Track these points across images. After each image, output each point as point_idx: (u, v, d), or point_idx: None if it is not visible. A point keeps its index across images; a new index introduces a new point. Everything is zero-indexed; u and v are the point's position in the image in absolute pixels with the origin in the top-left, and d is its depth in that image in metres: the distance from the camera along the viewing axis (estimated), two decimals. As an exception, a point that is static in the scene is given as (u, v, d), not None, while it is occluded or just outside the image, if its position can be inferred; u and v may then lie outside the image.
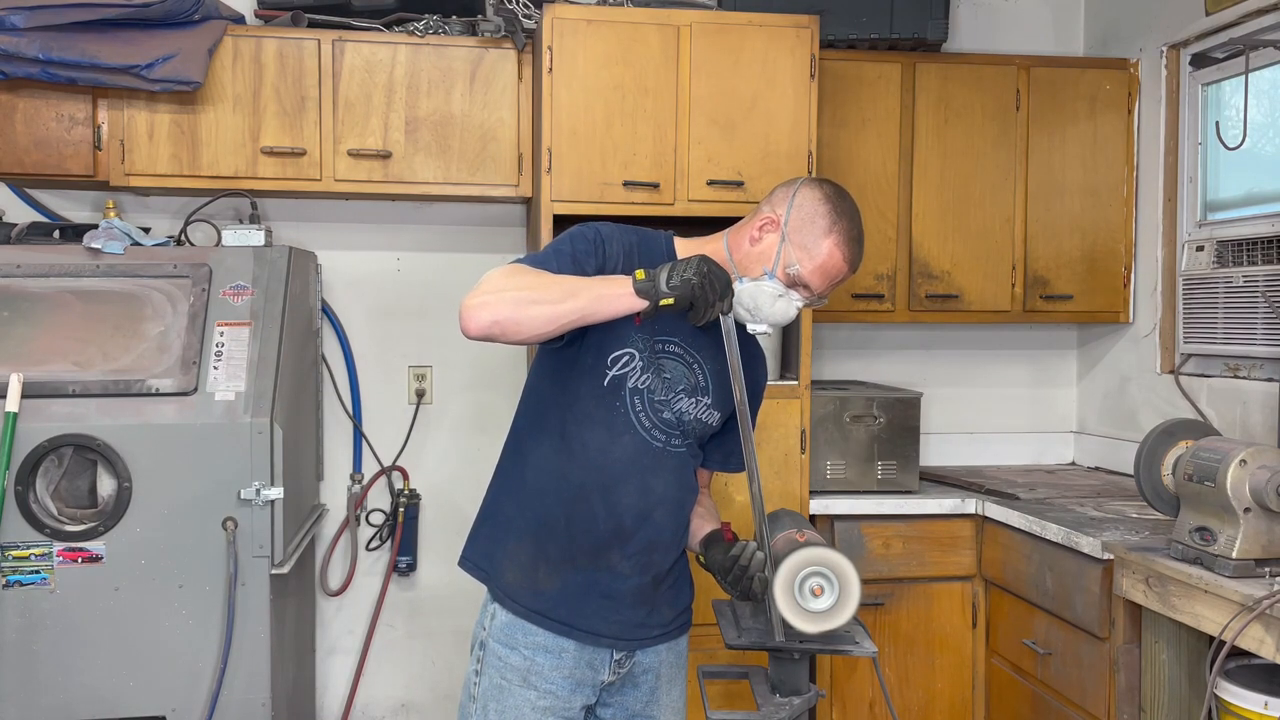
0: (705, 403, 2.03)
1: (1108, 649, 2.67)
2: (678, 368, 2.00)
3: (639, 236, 2.04)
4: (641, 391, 1.97)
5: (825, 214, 1.95)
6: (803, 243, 1.93)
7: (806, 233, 1.94)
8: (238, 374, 2.73)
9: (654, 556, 2.02)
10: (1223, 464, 2.27)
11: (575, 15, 3.06)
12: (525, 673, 1.99)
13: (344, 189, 3.25)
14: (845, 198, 2.00)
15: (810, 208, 1.96)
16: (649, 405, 1.98)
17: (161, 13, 3.00)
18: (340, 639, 3.65)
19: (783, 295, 1.93)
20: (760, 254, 1.96)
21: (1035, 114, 3.60)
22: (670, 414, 1.99)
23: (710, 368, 2.03)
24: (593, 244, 1.95)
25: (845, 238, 1.95)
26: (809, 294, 1.96)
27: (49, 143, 3.07)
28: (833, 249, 1.94)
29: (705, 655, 3.09)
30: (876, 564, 3.23)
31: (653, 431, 1.98)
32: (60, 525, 2.63)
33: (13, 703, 2.61)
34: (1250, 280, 3.14)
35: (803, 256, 1.93)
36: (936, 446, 3.90)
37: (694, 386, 2.01)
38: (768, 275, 1.93)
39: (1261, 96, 3.23)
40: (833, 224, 1.94)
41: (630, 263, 1.96)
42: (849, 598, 2.21)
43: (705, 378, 2.03)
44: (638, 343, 1.96)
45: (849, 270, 1.97)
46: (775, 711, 2.26)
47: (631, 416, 1.97)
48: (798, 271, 1.93)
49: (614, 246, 1.97)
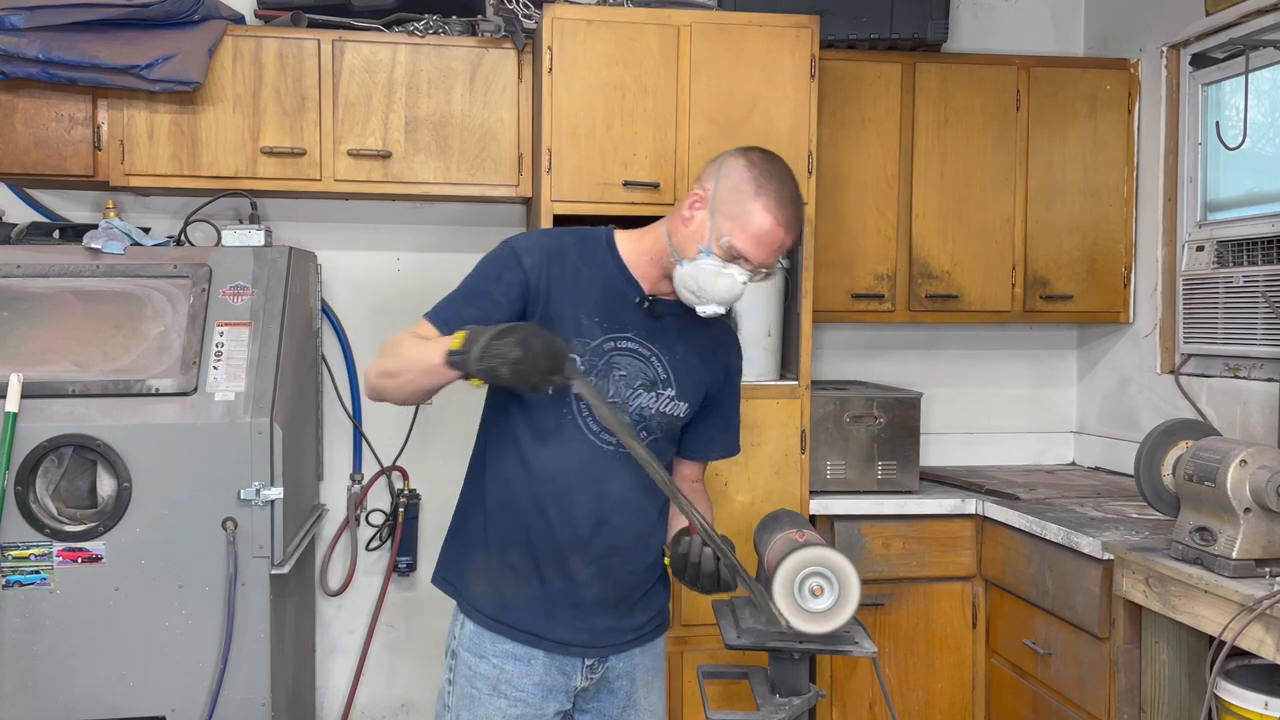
0: (668, 395, 2.00)
1: (1108, 649, 2.67)
2: (633, 363, 1.97)
3: (576, 237, 2.02)
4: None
5: (750, 180, 1.90)
6: (731, 212, 1.88)
7: (734, 202, 1.89)
8: (238, 374, 2.73)
9: (614, 561, 1.99)
10: (1223, 464, 2.27)
11: (575, 15, 3.06)
12: (495, 681, 1.99)
13: (344, 189, 3.25)
14: (773, 160, 1.94)
15: (735, 176, 1.91)
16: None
17: (161, 13, 3.00)
18: (340, 639, 3.65)
19: (723, 271, 1.88)
20: (694, 233, 1.92)
21: (1035, 114, 3.60)
22: (626, 414, 1.96)
23: (670, 358, 2.00)
24: (502, 265, 1.95)
25: (774, 200, 1.89)
26: (750, 266, 1.90)
27: (49, 143, 3.07)
28: (761, 213, 1.88)
29: (705, 655, 3.09)
30: (876, 564, 3.23)
31: (602, 435, 1.95)
32: (60, 525, 2.63)
33: (13, 703, 2.61)
34: (1250, 280, 3.14)
35: (733, 227, 1.88)
36: (936, 446, 3.89)
37: (653, 380, 1.98)
38: (704, 253, 1.89)
39: (1261, 96, 3.23)
40: (759, 188, 1.89)
41: (556, 269, 1.94)
42: (849, 598, 2.21)
43: (666, 370, 2.00)
44: (579, 346, 1.93)
45: (784, 233, 1.90)
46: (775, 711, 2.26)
47: (579, 422, 1.94)
48: (730, 243, 1.88)
49: (532, 258, 1.94)
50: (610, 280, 2.00)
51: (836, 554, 2.23)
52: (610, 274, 2.00)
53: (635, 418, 1.97)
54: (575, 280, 1.97)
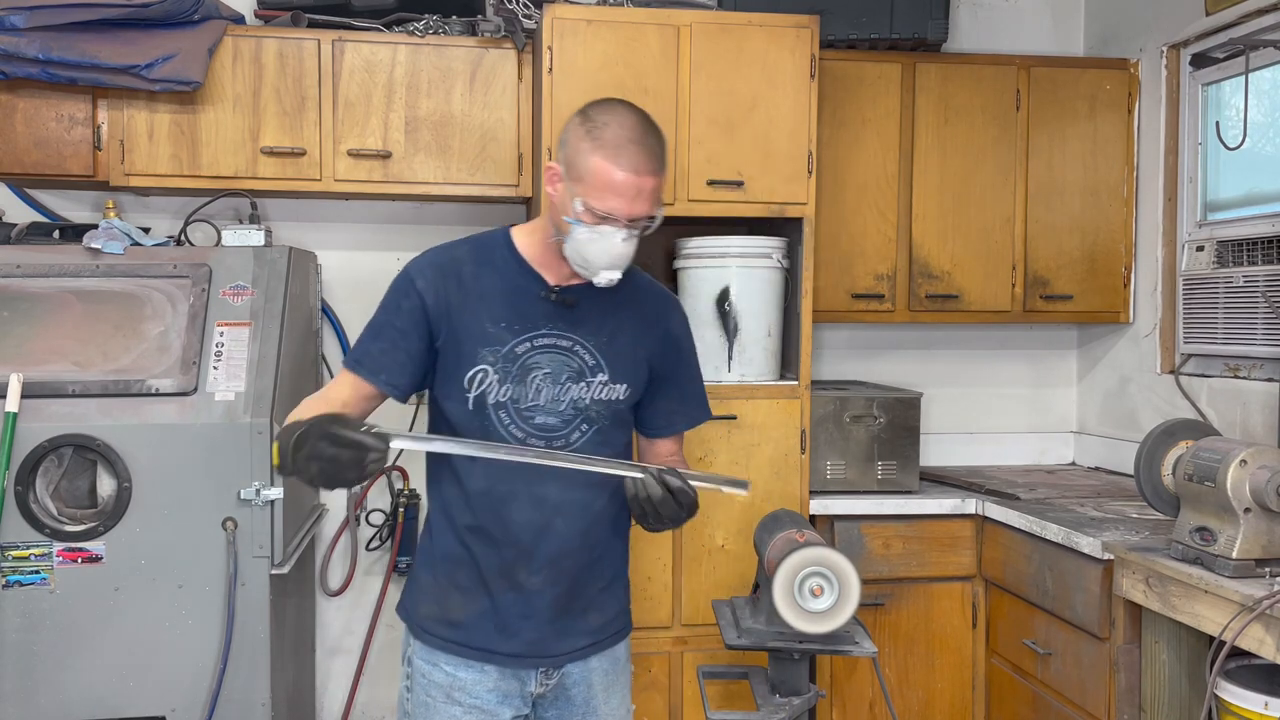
0: (600, 381, 1.95)
1: (1108, 649, 2.67)
2: (555, 358, 1.93)
3: (471, 245, 1.99)
4: (505, 404, 1.91)
5: (585, 134, 1.84)
6: (579, 174, 1.83)
7: (578, 163, 1.83)
8: (238, 374, 2.73)
9: (564, 564, 1.95)
10: (1223, 464, 2.27)
11: (575, 15, 3.06)
12: (449, 689, 1.96)
13: (344, 189, 3.25)
14: (608, 107, 1.87)
15: (572, 136, 1.86)
16: (516, 416, 1.92)
17: (161, 13, 3.00)
18: (340, 639, 3.65)
19: (596, 235, 1.83)
20: (560, 207, 1.88)
21: (1035, 114, 3.60)
22: (546, 418, 1.92)
23: (596, 343, 1.95)
24: (400, 294, 1.96)
25: (611, 148, 1.81)
26: (619, 222, 1.82)
27: (49, 143, 3.07)
28: (603, 165, 1.80)
29: (705, 655, 3.09)
30: (876, 564, 3.23)
31: (528, 440, 1.92)
32: (60, 525, 2.63)
33: (13, 703, 2.61)
34: (1250, 280, 3.14)
35: (584, 189, 1.82)
36: (936, 446, 3.89)
37: (580, 370, 1.94)
38: (573, 224, 1.84)
39: (1262, 96, 3.23)
40: (594, 141, 1.82)
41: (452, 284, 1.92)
42: (849, 598, 2.21)
43: (593, 355, 1.95)
44: (489, 356, 1.90)
45: (635, 176, 1.81)
46: (775, 711, 2.26)
47: (501, 431, 1.91)
48: (586, 205, 1.82)
49: (424, 280, 1.94)
50: (512, 280, 1.95)
51: (836, 554, 2.23)
52: (511, 273, 1.96)
53: (571, 411, 1.93)
54: (476, 290, 1.94)
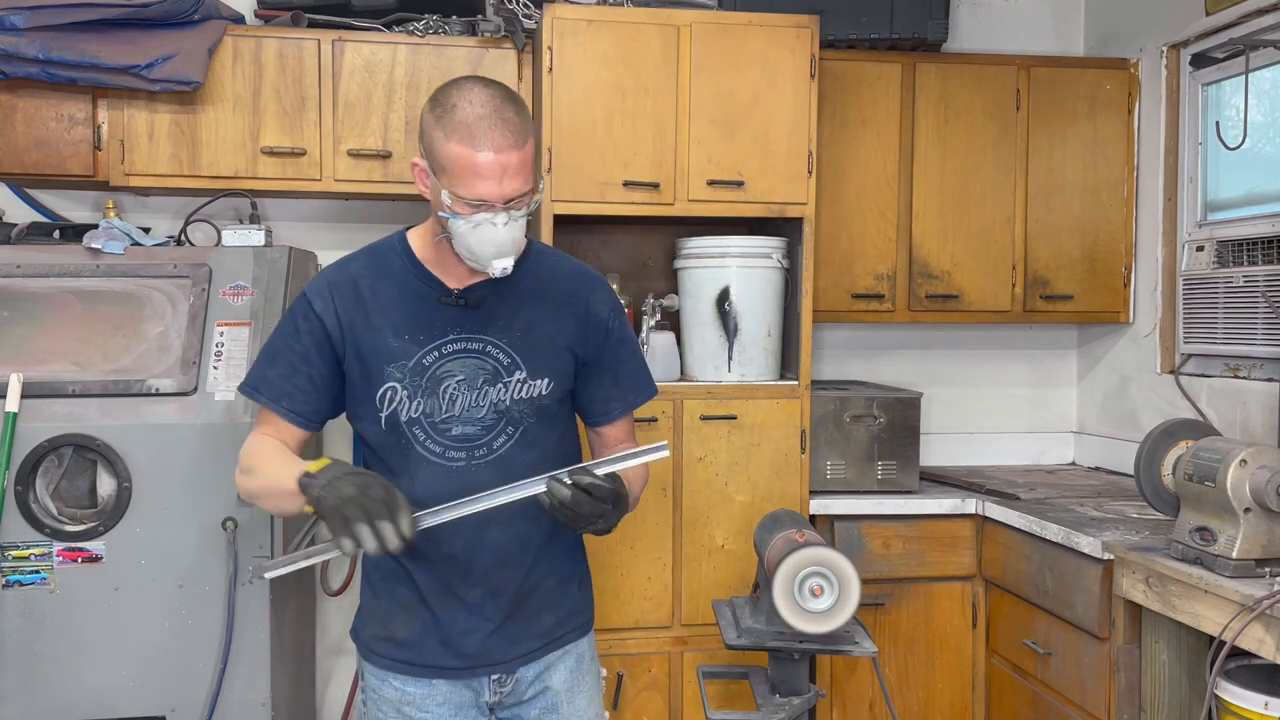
0: (519, 378, 1.85)
1: (1108, 649, 2.67)
2: (466, 364, 1.83)
3: (366, 256, 1.89)
4: (418, 419, 1.83)
5: (434, 122, 1.71)
6: (440, 165, 1.71)
7: (435, 153, 1.71)
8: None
9: (504, 574, 1.88)
10: (1223, 464, 2.27)
11: (575, 15, 3.06)
12: (399, 705, 1.90)
13: (344, 189, 3.25)
14: (454, 87, 1.74)
15: (425, 124, 1.74)
16: (431, 429, 1.83)
17: (161, 13, 3.00)
18: (340, 639, 3.65)
19: (475, 225, 1.71)
20: (434, 204, 1.76)
21: (1035, 114, 3.60)
22: (464, 427, 1.83)
23: (509, 339, 1.85)
24: (299, 317, 1.85)
25: (462, 128, 1.68)
26: (495, 207, 1.71)
27: (49, 143, 3.07)
28: (459, 150, 1.68)
29: (705, 655, 3.10)
30: (876, 564, 3.23)
31: (448, 454, 1.83)
32: (60, 525, 2.63)
33: (13, 703, 2.61)
34: (1250, 280, 3.14)
35: (448, 179, 1.70)
36: (936, 446, 3.89)
37: (495, 371, 1.84)
38: (450, 218, 1.73)
39: (1262, 96, 3.23)
40: (444, 126, 1.70)
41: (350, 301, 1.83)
42: (848, 598, 2.22)
43: (507, 353, 1.85)
44: (396, 372, 1.82)
45: (494, 154, 1.68)
46: (775, 711, 2.26)
47: (418, 448, 1.83)
48: (455, 195, 1.70)
49: (321, 300, 1.83)
50: (411, 287, 1.85)
51: (836, 554, 2.23)
52: (410, 281, 1.85)
53: (493, 415, 1.83)
54: (375, 303, 1.84)
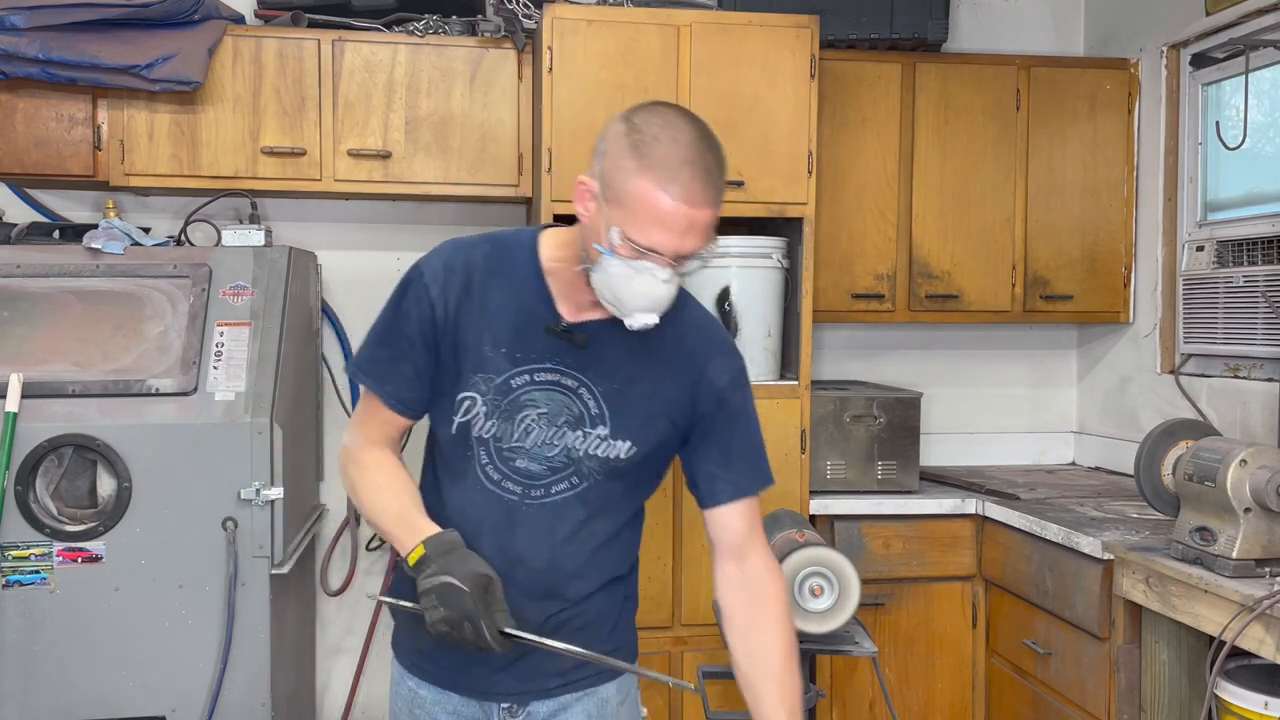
0: (600, 434, 1.65)
1: (1108, 649, 2.67)
2: (554, 398, 1.64)
3: (491, 246, 1.69)
4: (487, 441, 1.66)
5: (630, 150, 1.47)
6: (618, 197, 1.48)
7: (618, 184, 1.48)
8: (238, 374, 2.73)
9: (525, 615, 1.69)
10: (1223, 464, 2.27)
11: (575, 15, 3.06)
12: (411, 704, 1.83)
13: (344, 189, 3.25)
14: (662, 114, 1.51)
15: (613, 146, 1.50)
16: (496, 455, 1.66)
17: (161, 13, 3.00)
18: (340, 639, 3.65)
19: (634, 273, 1.50)
20: (592, 231, 1.54)
21: (1035, 114, 3.60)
22: (529, 463, 1.65)
23: (605, 389, 1.65)
24: (411, 297, 1.66)
25: (664, 170, 1.45)
26: (663, 258, 1.49)
27: (49, 143, 3.07)
28: (651, 190, 1.45)
29: (705, 655, 3.09)
30: (876, 564, 3.23)
31: (504, 484, 1.67)
32: (60, 525, 2.63)
33: (13, 703, 2.61)
34: (1250, 280, 3.14)
35: (624, 215, 1.48)
36: (936, 446, 3.89)
37: (579, 417, 1.64)
38: (605, 254, 1.51)
39: (1262, 96, 3.23)
40: (642, 159, 1.46)
41: (463, 291, 1.65)
42: (848, 598, 2.22)
43: (598, 404, 1.65)
44: (482, 384, 1.64)
45: (688, 208, 1.46)
46: (775, 711, 2.25)
47: (478, 470, 1.67)
48: (625, 235, 1.48)
49: (437, 285, 1.64)
50: (524, 299, 1.65)
51: (836, 554, 2.23)
52: (525, 291, 1.66)
53: (562, 460, 1.65)
54: (483, 302, 1.65)
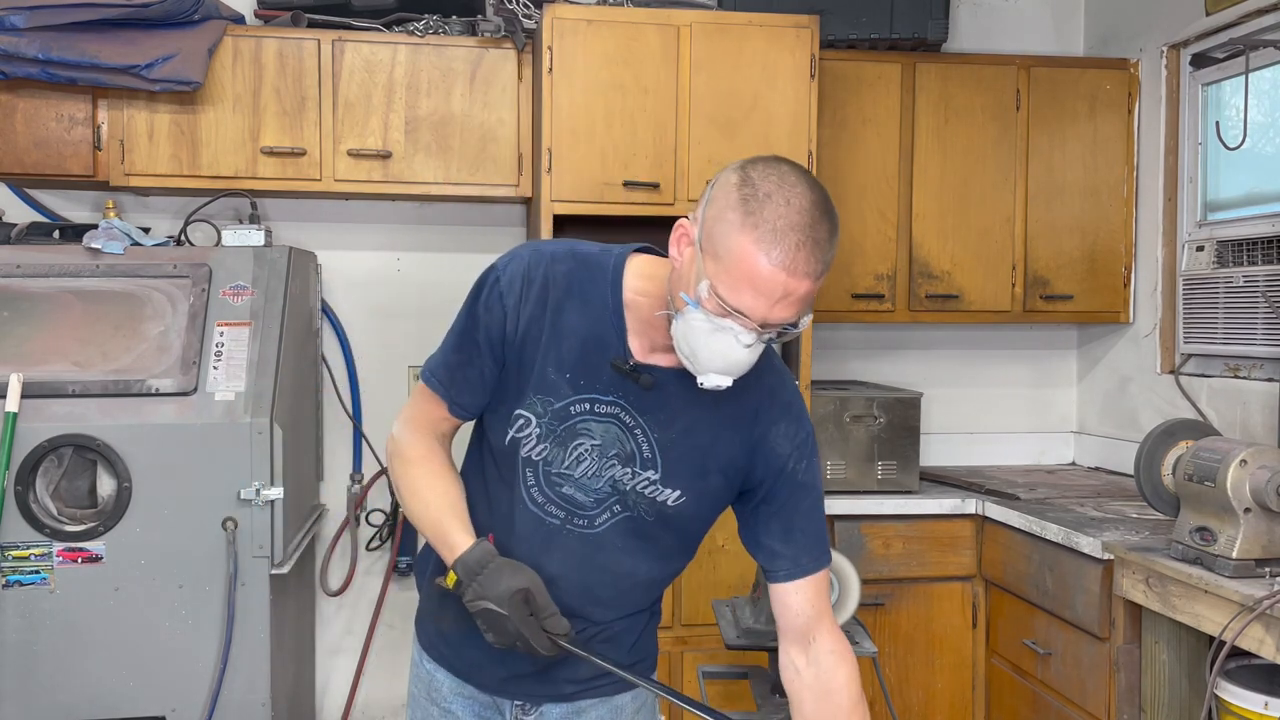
0: (650, 478, 1.62)
1: (1108, 649, 2.67)
2: (609, 431, 1.61)
3: (575, 263, 1.61)
4: (536, 464, 1.63)
5: (739, 203, 1.39)
6: (717, 250, 1.40)
7: (719, 235, 1.40)
8: (238, 374, 2.73)
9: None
10: (1223, 464, 2.27)
11: (575, 15, 3.06)
12: (429, 687, 1.82)
13: (344, 189, 3.25)
14: (779, 173, 1.42)
15: (722, 199, 1.42)
16: (543, 479, 1.63)
17: (161, 13, 3.00)
18: (340, 639, 3.65)
19: (716, 330, 1.42)
20: (683, 277, 1.46)
21: (1035, 114, 3.60)
22: (575, 491, 1.63)
23: (661, 436, 1.60)
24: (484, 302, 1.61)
25: (770, 231, 1.37)
26: (749, 322, 1.41)
27: (49, 143, 3.07)
28: (751, 251, 1.37)
29: (705, 655, 3.09)
30: (876, 564, 3.23)
31: (546, 508, 1.64)
32: (60, 525, 2.63)
33: (13, 703, 2.61)
34: (1250, 280, 3.14)
35: (719, 270, 1.40)
36: (936, 446, 3.89)
37: (628, 456, 1.61)
38: (690, 305, 1.43)
39: (1262, 96, 3.23)
40: (748, 215, 1.38)
41: (537, 308, 1.59)
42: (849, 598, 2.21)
43: (651, 448, 1.61)
44: (539, 405, 1.60)
45: (787, 276, 1.37)
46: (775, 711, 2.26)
47: (523, 490, 1.64)
48: (715, 291, 1.40)
49: (513, 294, 1.59)
50: (597, 327, 1.59)
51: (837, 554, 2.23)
52: (600, 318, 1.59)
53: (608, 489, 1.62)
54: (555, 322, 1.59)
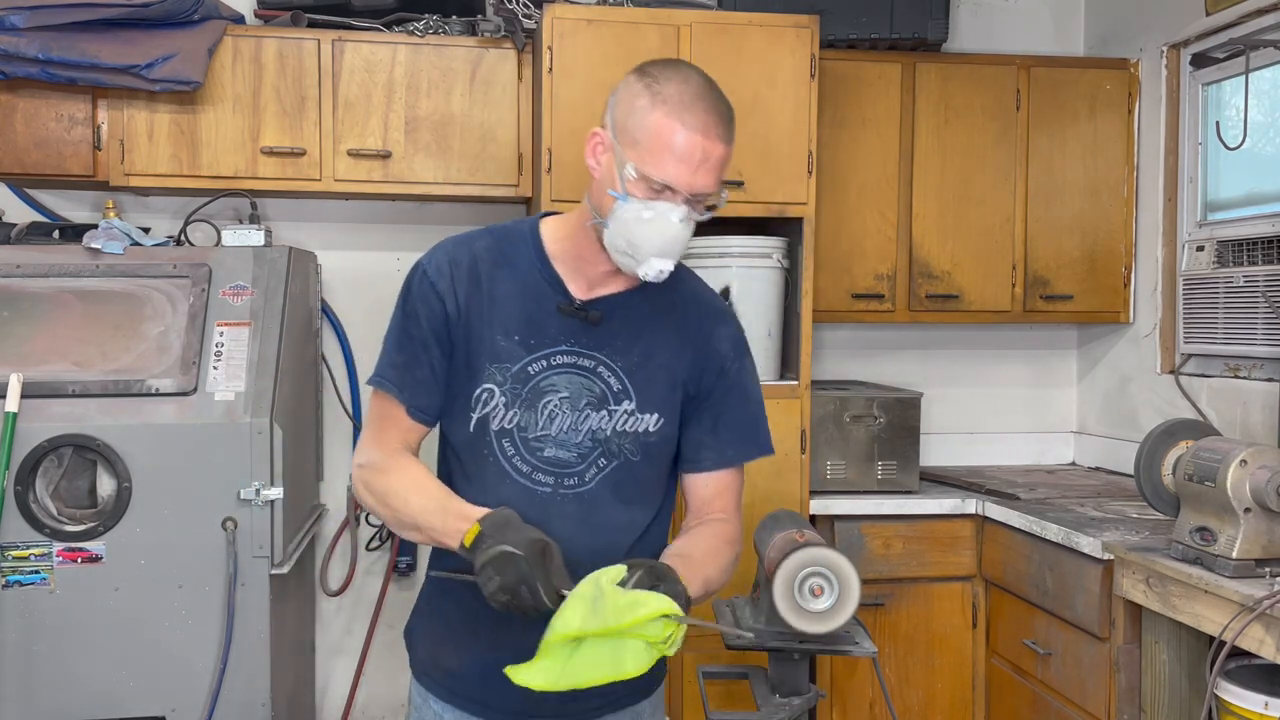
0: (626, 409, 1.66)
1: (1108, 649, 2.67)
2: (573, 380, 1.65)
3: (493, 238, 1.71)
4: (510, 432, 1.64)
5: (641, 89, 1.55)
6: (634, 138, 1.54)
7: (633, 124, 1.54)
8: (238, 374, 2.73)
9: None
10: (1223, 464, 2.27)
11: (575, 15, 3.06)
12: None
13: (344, 189, 3.25)
14: (671, 64, 1.60)
15: (625, 92, 1.58)
16: (523, 446, 1.65)
17: (161, 13, 3.00)
18: (340, 639, 3.65)
19: (648, 213, 1.54)
20: (605, 180, 1.58)
21: (1035, 114, 3.60)
22: (557, 450, 1.65)
23: (624, 364, 1.67)
24: (419, 297, 1.67)
25: (678, 103, 1.52)
26: (678, 196, 1.54)
27: (49, 143, 3.07)
28: (667, 122, 1.51)
29: (705, 655, 3.09)
30: (876, 564, 3.23)
31: (535, 475, 1.65)
32: (60, 525, 2.63)
33: (13, 703, 2.61)
34: (1250, 280, 3.14)
35: (640, 153, 1.53)
36: (936, 446, 3.89)
37: (599, 397, 1.65)
38: (620, 199, 1.55)
39: (1262, 96, 3.23)
40: (656, 95, 1.53)
41: (470, 284, 1.65)
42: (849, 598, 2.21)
43: (619, 379, 1.66)
44: (497, 374, 1.64)
45: (703, 139, 1.52)
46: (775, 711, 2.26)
47: (504, 464, 1.65)
48: (643, 173, 1.52)
49: (443, 280, 1.65)
50: (532, 284, 1.67)
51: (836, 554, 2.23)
52: (532, 276, 1.67)
53: (589, 443, 1.65)
54: (491, 293, 1.66)
